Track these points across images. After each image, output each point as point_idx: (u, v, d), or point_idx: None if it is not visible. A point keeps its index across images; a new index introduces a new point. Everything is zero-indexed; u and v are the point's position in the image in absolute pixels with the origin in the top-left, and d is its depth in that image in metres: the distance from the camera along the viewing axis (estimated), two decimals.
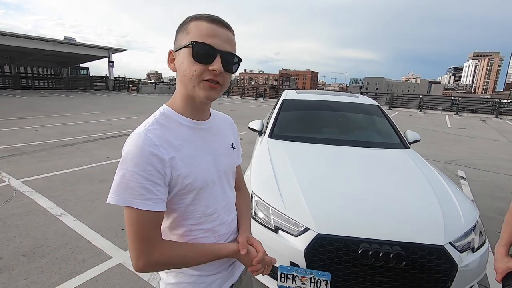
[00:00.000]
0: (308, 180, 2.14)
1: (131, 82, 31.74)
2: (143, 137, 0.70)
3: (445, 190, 2.10)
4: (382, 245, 1.63)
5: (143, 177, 0.67)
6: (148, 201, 0.68)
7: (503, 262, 1.24)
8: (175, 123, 0.77)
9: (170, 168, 0.71)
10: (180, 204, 0.77)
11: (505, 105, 18.17)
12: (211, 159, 0.82)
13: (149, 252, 0.70)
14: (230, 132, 0.96)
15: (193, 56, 0.71)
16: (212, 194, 0.82)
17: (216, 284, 0.88)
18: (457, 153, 7.02)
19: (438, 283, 1.63)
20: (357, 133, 3.23)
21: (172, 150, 0.73)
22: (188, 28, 0.73)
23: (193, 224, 0.80)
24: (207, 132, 0.84)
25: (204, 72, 0.72)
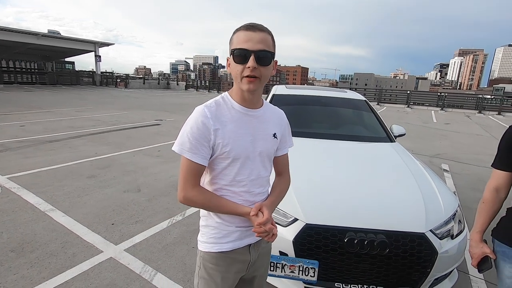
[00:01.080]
0: (297, 173, 2.18)
1: (119, 77, 31.09)
2: (201, 109, 0.97)
3: (427, 180, 2.20)
4: (367, 233, 1.70)
5: (194, 138, 0.94)
6: (194, 155, 0.95)
7: (478, 248, 1.32)
8: (228, 105, 1.01)
9: (214, 136, 0.96)
10: (218, 165, 1.01)
11: (488, 101, 18.74)
12: (251, 140, 1.02)
13: (188, 190, 0.98)
14: (277, 125, 1.12)
15: (234, 60, 0.94)
16: (245, 166, 1.02)
17: (235, 235, 1.07)
18: (442, 148, 7.24)
19: (419, 269, 1.72)
20: (345, 127, 3.31)
21: (219, 123, 0.97)
22: (232, 39, 0.96)
23: (225, 185, 1.03)
24: (254, 118, 1.04)
25: (244, 70, 0.93)
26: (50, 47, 24.53)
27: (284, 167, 1.24)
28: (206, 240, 1.08)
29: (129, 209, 3.18)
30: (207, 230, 1.08)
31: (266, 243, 1.19)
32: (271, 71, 0.99)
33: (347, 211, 1.84)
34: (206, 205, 1.02)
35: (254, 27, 0.94)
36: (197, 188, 0.99)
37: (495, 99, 19.72)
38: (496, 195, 1.31)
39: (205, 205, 1.02)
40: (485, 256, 1.30)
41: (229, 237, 1.07)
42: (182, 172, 0.98)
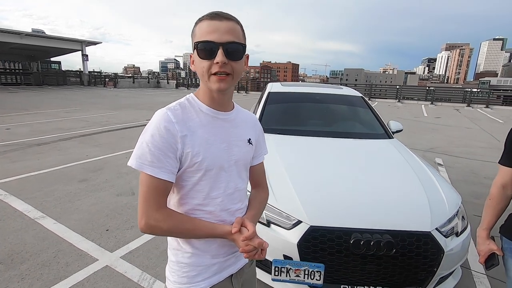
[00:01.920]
0: (298, 172, 2.14)
1: (107, 77, 30.46)
2: (163, 113, 0.80)
3: (429, 177, 2.17)
4: (373, 234, 1.66)
5: (157, 147, 0.77)
6: (157, 169, 0.77)
7: (485, 245, 1.30)
8: (196, 108, 0.86)
9: (182, 144, 0.79)
10: (188, 181, 0.84)
11: (476, 95, 19.10)
12: (224, 147, 0.88)
13: (150, 214, 0.79)
14: (250, 129, 0.99)
15: (199, 55, 0.79)
16: (219, 178, 0.87)
17: (213, 270, 0.91)
18: (435, 141, 7.32)
19: (426, 268, 1.69)
20: (343, 124, 3.27)
21: (187, 129, 0.81)
22: (194, 31, 0.81)
23: (197, 204, 0.86)
24: (226, 122, 0.90)
25: (211, 66, 0.79)
26: (35, 47, 23.81)
27: (261, 177, 1.10)
28: (176, 280, 0.90)
29: (124, 214, 3.08)
30: (178, 268, 0.90)
31: (249, 267, 1.05)
32: (243, 66, 0.84)
33: (352, 211, 1.79)
34: (176, 230, 0.83)
35: (220, 16, 0.79)
36: (162, 210, 0.80)
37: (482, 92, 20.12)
38: (503, 192, 1.28)
39: (176, 231, 0.83)
40: (492, 253, 1.28)
41: (205, 273, 0.90)
42: (143, 193, 0.79)
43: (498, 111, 15.33)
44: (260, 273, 1.88)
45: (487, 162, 5.63)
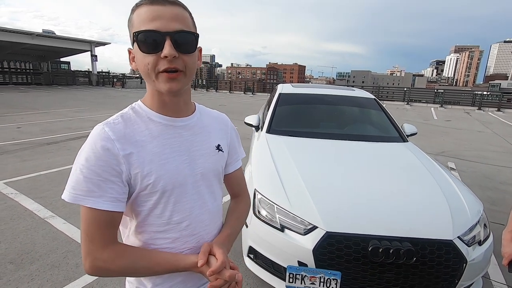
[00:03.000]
0: (312, 176, 2.09)
1: (115, 77, 30.79)
2: (99, 130, 0.65)
3: (448, 183, 2.10)
4: (391, 241, 1.60)
5: (94, 173, 0.62)
6: (99, 198, 0.63)
7: (509, 247, 1.23)
8: (144, 118, 0.71)
9: (127, 165, 0.65)
10: (143, 206, 0.70)
11: (486, 97, 18.74)
12: (185, 160, 0.73)
13: (96, 254, 0.64)
14: (219, 133, 0.85)
15: (140, 48, 0.64)
16: (182, 199, 0.73)
17: None
18: (446, 145, 7.17)
19: (447, 278, 1.62)
20: (355, 127, 3.21)
21: (132, 146, 0.66)
22: (132, 20, 0.66)
23: (157, 232, 0.72)
24: (185, 130, 0.75)
25: (158, 62, 0.64)
26: (45, 47, 24.19)
27: (240, 186, 0.95)
28: None
29: None
30: None
31: None
32: (196, 61, 0.70)
33: (369, 217, 1.73)
34: (130, 270, 0.68)
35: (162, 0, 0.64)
36: (111, 247, 0.65)
37: (492, 95, 19.72)
38: None
39: (129, 271, 0.69)
40: None
41: None
42: (84, 229, 0.64)
43: (510, 115, 14.99)
44: (273, 279, 1.83)
45: (502, 167, 5.48)
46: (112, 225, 0.66)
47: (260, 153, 2.51)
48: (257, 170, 2.25)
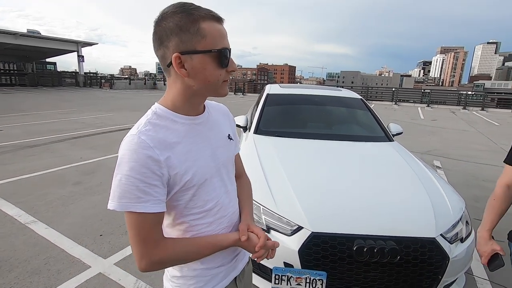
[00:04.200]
0: (298, 176, 2.08)
1: (103, 78, 30.24)
2: (136, 139, 0.69)
3: (432, 181, 2.13)
4: (376, 240, 1.61)
5: (139, 180, 0.67)
6: (146, 203, 0.68)
7: (487, 246, 1.25)
8: (169, 121, 0.75)
9: (167, 168, 0.71)
10: (180, 201, 0.77)
11: (471, 97, 19.24)
12: (209, 154, 0.82)
13: (151, 253, 0.71)
14: (226, 123, 0.94)
15: (221, 63, 0.72)
16: (212, 188, 0.82)
17: (220, 277, 0.89)
18: (432, 144, 7.31)
19: (431, 275, 1.64)
20: (342, 127, 3.23)
21: (168, 149, 0.72)
22: (201, 31, 0.69)
23: (195, 219, 0.81)
24: (203, 126, 0.82)
25: (226, 74, 0.75)
26: (30, 47, 23.57)
27: (241, 168, 1.07)
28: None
29: (118, 218, 2.99)
30: (183, 282, 0.85)
31: (247, 266, 1.03)
32: None
33: (354, 217, 1.74)
34: (183, 258, 0.79)
35: (222, 19, 0.73)
36: (163, 243, 0.74)
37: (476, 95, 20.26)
38: (507, 191, 1.26)
39: (183, 259, 0.79)
40: (495, 254, 1.24)
41: (212, 281, 0.87)
42: (135, 232, 0.70)
43: (493, 114, 15.43)
44: (260, 281, 1.81)
45: (486, 165, 5.62)
46: (159, 224, 0.74)
47: (247, 154, 2.49)
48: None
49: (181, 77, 0.72)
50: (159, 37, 0.70)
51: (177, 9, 0.69)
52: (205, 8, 0.71)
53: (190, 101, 0.77)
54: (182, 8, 0.69)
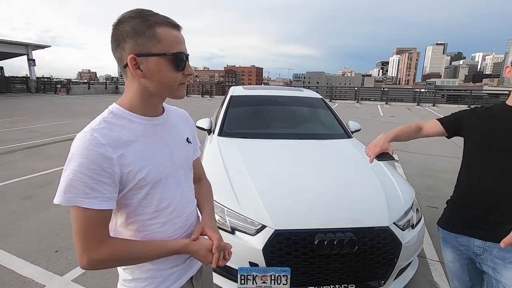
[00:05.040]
0: (262, 176, 2.11)
1: (59, 83, 28.24)
2: (88, 136, 0.70)
3: (385, 174, 2.27)
4: (336, 233, 1.68)
5: (88, 176, 0.68)
6: (94, 199, 0.69)
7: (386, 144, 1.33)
8: (125, 120, 0.78)
9: (119, 166, 0.72)
10: (133, 199, 0.78)
11: (424, 94, 20.85)
12: (166, 154, 0.84)
13: (93, 250, 0.71)
14: (185, 127, 0.97)
15: (176, 66, 0.76)
16: (167, 188, 0.83)
17: (173, 277, 0.89)
18: None
19: (386, 262, 1.76)
20: (304, 126, 3.33)
21: (121, 147, 0.73)
22: (157, 35, 0.73)
23: (147, 219, 0.81)
24: (161, 127, 0.85)
25: (182, 77, 0.79)
26: None
27: (201, 171, 1.12)
28: None
29: None
30: (135, 285, 0.85)
31: (206, 265, 1.04)
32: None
33: (315, 212, 1.81)
34: (128, 259, 0.78)
35: (179, 26, 0.78)
36: (107, 242, 0.73)
37: (429, 92, 22.03)
38: (418, 128, 1.45)
39: (127, 260, 0.79)
40: (385, 152, 1.34)
41: (165, 282, 0.87)
42: (79, 228, 0.70)
43: (443, 109, 16.83)
44: (226, 282, 1.81)
45: (437, 156, 6.12)
46: (105, 222, 0.74)
47: (211, 157, 2.48)
48: (207, 173, 2.22)
49: (138, 78, 0.75)
50: (116, 40, 0.74)
51: (134, 14, 0.73)
52: (162, 15, 0.76)
53: (147, 102, 0.80)
54: (139, 13, 0.73)
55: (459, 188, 1.31)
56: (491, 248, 1.17)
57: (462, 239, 1.26)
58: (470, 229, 1.23)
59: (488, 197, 1.17)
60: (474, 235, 1.22)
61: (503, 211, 1.15)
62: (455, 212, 1.31)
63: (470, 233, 1.23)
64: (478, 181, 1.21)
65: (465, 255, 1.28)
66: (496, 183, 1.15)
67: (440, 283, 2.21)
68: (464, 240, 1.25)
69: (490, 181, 1.17)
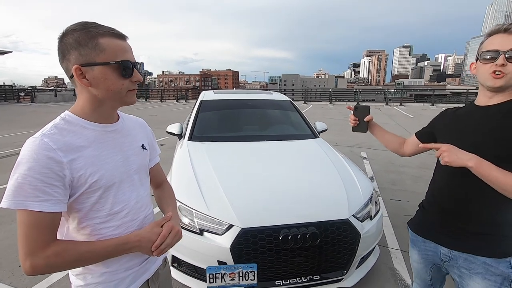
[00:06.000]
0: (229, 178, 2.18)
1: (22, 90, 26.62)
2: (38, 141, 0.73)
3: (346, 169, 2.42)
4: (299, 228, 1.79)
5: (39, 180, 0.70)
6: (45, 202, 0.70)
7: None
8: (78, 126, 0.80)
9: (70, 170, 0.74)
10: (86, 203, 0.80)
11: (393, 94, 21.95)
12: (120, 159, 0.87)
13: (37, 254, 0.71)
14: (142, 134, 1.01)
15: (122, 74, 0.80)
16: (120, 192, 0.86)
17: (128, 280, 0.90)
18: (360, 138, 8.14)
19: (347, 252, 1.88)
20: (273, 128, 3.44)
21: (72, 152, 0.76)
22: (100, 45, 0.77)
23: (101, 223, 0.82)
24: (116, 134, 0.88)
25: (129, 84, 0.82)
26: None
27: (162, 176, 1.15)
28: None
29: None
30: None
31: (163, 269, 1.06)
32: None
33: (279, 209, 1.90)
34: (77, 260, 0.76)
35: (124, 36, 0.82)
36: (53, 245, 0.73)
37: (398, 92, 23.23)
38: (401, 144, 1.49)
39: (74, 261, 0.76)
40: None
41: (120, 285, 0.88)
42: (25, 231, 0.70)
43: (409, 108, 17.80)
44: (195, 282, 1.86)
45: None
46: (53, 225, 0.75)
47: (181, 161, 2.51)
48: (176, 178, 2.25)
49: (86, 87, 0.79)
50: (61, 52, 0.78)
51: (77, 26, 0.77)
52: (106, 26, 0.80)
53: (99, 109, 0.83)
54: (82, 26, 0.77)
55: (430, 193, 1.27)
56: (457, 257, 1.12)
57: (430, 245, 1.22)
58: (437, 236, 1.19)
59: (456, 204, 1.12)
60: (440, 242, 1.17)
61: (471, 219, 1.09)
62: (425, 217, 1.27)
63: (437, 240, 1.19)
64: (446, 187, 1.16)
65: (430, 259, 1.24)
66: (463, 189, 1.09)
67: (399, 270, 2.38)
68: (431, 246, 1.21)
69: (457, 187, 1.11)
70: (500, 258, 1.04)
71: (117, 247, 0.81)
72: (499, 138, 1.00)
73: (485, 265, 1.05)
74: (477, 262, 1.07)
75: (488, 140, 1.02)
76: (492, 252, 1.05)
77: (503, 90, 1.03)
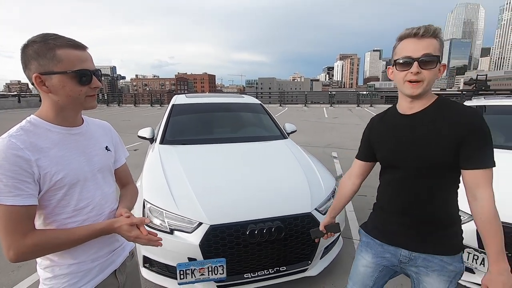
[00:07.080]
0: (199, 179, 2.27)
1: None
2: (6, 142, 0.79)
3: (310, 167, 2.59)
4: (265, 222, 1.91)
5: (9, 177, 0.77)
6: (18, 197, 0.78)
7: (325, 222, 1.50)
8: (43, 129, 0.87)
9: (37, 167, 0.81)
10: (52, 200, 0.87)
11: (365, 96, 22.95)
12: (83, 160, 0.94)
13: (18, 243, 0.79)
14: (106, 137, 1.09)
15: (80, 82, 0.87)
16: (85, 189, 0.93)
17: (95, 271, 0.97)
18: (332, 138, 8.49)
19: (310, 243, 2.03)
20: (243, 130, 3.56)
21: (39, 152, 0.83)
22: (57, 56, 0.83)
23: (67, 217, 0.90)
24: (80, 136, 0.96)
25: (88, 90, 0.89)
26: None
27: (128, 177, 1.21)
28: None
29: None
30: (56, 282, 0.91)
31: (131, 261, 1.13)
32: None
33: (246, 205, 2.01)
34: (55, 244, 0.85)
35: (83, 47, 0.89)
36: (31, 233, 0.81)
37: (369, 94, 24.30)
38: (349, 180, 1.41)
39: (55, 246, 0.85)
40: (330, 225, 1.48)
41: (87, 276, 0.95)
42: (4, 224, 0.78)
43: (378, 109, 18.69)
44: (168, 281, 1.92)
45: None
46: (30, 216, 0.82)
47: (152, 165, 2.55)
48: (147, 181, 2.30)
49: (46, 94, 0.86)
50: (24, 62, 0.85)
51: (37, 38, 0.84)
52: (65, 38, 0.86)
53: (62, 114, 0.90)
54: (42, 38, 0.84)
55: (380, 199, 1.26)
56: (417, 258, 1.14)
57: (389, 248, 1.20)
58: (400, 240, 1.17)
59: (413, 206, 1.12)
60: (403, 246, 1.16)
61: (430, 221, 1.10)
62: (384, 222, 1.23)
63: (401, 244, 1.17)
64: (392, 193, 1.18)
65: (385, 262, 1.22)
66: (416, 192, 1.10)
67: None
68: (391, 249, 1.19)
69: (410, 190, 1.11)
70: (454, 255, 1.10)
71: (95, 231, 0.90)
72: (434, 147, 1.03)
73: (442, 263, 1.10)
74: (435, 261, 1.11)
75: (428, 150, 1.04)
76: (449, 251, 1.10)
77: (422, 96, 1.05)
